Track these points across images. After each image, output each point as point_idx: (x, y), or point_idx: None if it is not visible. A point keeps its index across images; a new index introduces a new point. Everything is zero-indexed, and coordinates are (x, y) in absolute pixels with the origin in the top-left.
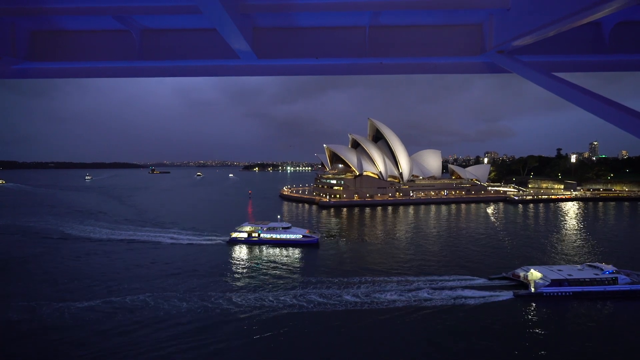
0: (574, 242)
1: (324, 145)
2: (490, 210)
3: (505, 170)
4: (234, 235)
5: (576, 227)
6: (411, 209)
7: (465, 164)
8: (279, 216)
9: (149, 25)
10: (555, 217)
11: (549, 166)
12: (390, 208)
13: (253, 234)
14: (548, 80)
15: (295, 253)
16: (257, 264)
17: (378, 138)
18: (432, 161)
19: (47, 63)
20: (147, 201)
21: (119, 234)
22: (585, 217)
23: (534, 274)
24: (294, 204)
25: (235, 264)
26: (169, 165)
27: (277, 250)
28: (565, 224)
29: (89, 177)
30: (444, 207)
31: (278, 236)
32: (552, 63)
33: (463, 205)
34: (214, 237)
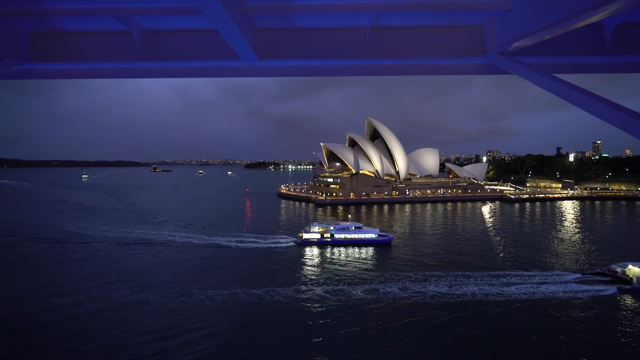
0: (576, 242)
1: (321, 143)
2: (486, 209)
3: (504, 169)
4: (306, 236)
5: (574, 225)
6: (407, 207)
7: (467, 162)
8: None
9: (150, 26)
10: (553, 216)
11: (548, 165)
12: (386, 206)
13: (325, 235)
14: (549, 81)
15: (372, 252)
16: (346, 263)
17: (375, 137)
18: (430, 160)
19: (49, 64)
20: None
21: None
22: (581, 215)
23: (634, 270)
24: (291, 202)
25: (326, 264)
26: (171, 164)
27: (355, 250)
28: (563, 222)
29: (85, 176)
30: (440, 206)
31: (353, 236)
32: (553, 64)
33: (459, 204)
34: (281, 239)
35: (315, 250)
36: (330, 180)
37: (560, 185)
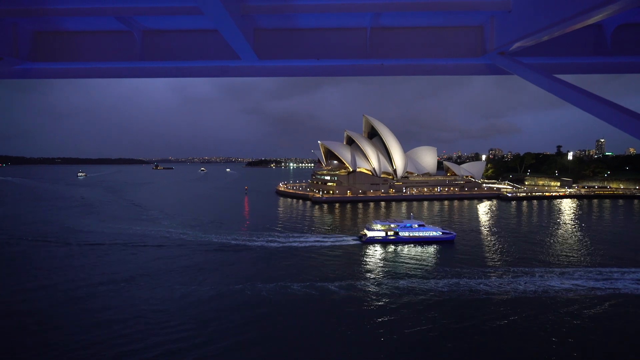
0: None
1: (319, 141)
2: (483, 206)
3: (502, 167)
4: (370, 234)
5: (570, 224)
6: (404, 205)
7: (469, 160)
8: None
9: (150, 26)
10: (549, 213)
11: (547, 163)
12: (383, 204)
13: (389, 233)
14: (549, 82)
15: (439, 250)
16: (423, 259)
17: (373, 135)
18: (428, 158)
19: (49, 63)
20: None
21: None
22: (578, 213)
23: None
24: (288, 199)
25: (404, 261)
26: (173, 161)
27: (421, 248)
28: (560, 220)
29: (82, 174)
30: (437, 204)
31: (417, 234)
32: (554, 65)
33: (456, 202)
34: (342, 238)
35: (382, 248)
36: (328, 178)
37: (558, 184)
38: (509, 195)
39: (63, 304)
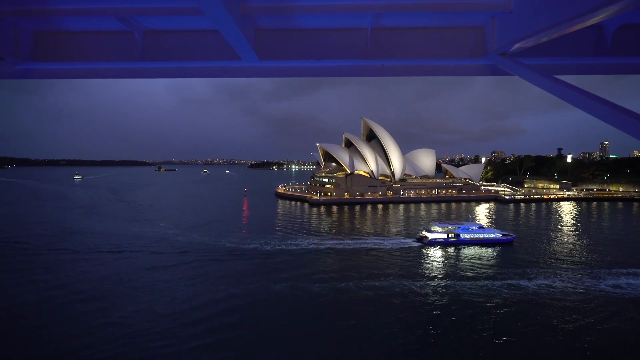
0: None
1: (317, 144)
2: (479, 209)
3: (502, 170)
4: (432, 236)
5: (570, 225)
6: (401, 207)
7: (471, 163)
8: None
9: (151, 27)
10: (548, 215)
11: (546, 166)
12: (380, 206)
13: (450, 235)
14: (550, 83)
15: (502, 251)
16: (493, 260)
17: (371, 137)
18: (426, 160)
19: (50, 64)
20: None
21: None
22: (576, 215)
23: None
24: (287, 201)
25: (476, 261)
26: (176, 163)
27: (484, 249)
28: (560, 222)
29: (78, 177)
30: (434, 206)
31: (478, 235)
32: (554, 66)
33: (453, 204)
34: (402, 240)
35: (446, 250)
36: (326, 180)
37: (557, 186)
38: (507, 197)
39: (59, 305)
